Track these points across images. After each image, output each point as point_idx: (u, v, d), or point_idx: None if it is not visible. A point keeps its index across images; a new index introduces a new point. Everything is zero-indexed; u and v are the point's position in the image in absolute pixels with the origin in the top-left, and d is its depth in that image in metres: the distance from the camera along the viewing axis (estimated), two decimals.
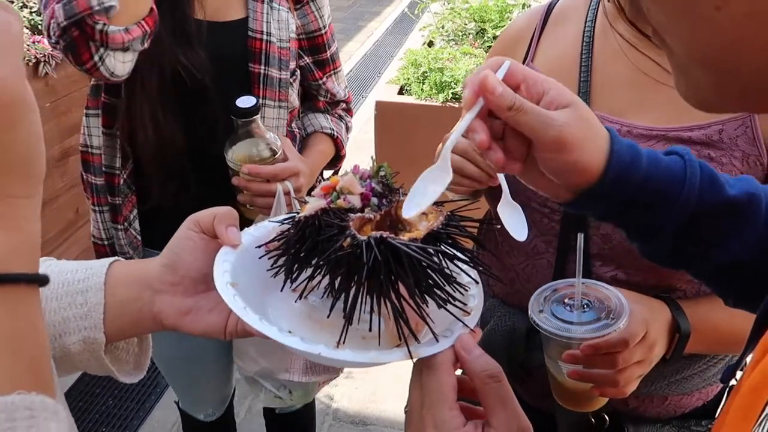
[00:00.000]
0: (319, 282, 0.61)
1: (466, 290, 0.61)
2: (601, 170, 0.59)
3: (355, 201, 0.59)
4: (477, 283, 0.63)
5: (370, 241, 0.51)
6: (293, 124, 1.35)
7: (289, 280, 0.62)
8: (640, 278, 0.91)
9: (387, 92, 2.90)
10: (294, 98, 1.31)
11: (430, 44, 3.21)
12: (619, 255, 0.91)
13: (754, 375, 0.33)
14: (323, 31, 1.35)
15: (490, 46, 3.04)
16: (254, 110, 1.10)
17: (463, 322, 0.57)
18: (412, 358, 0.53)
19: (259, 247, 0.66)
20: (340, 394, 2.43)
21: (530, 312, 0.81)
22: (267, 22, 1.22)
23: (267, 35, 1.22)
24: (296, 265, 0.60)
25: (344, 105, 1.48)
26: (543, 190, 0.64)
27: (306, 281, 0.60)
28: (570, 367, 0.83)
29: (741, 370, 0.43)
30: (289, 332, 0.57)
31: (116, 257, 0.69)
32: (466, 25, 3.16)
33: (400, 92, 2.87)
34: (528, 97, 0.59)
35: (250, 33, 1.22)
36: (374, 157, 0.67)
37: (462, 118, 0.59)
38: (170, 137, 1.18)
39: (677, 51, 0.34)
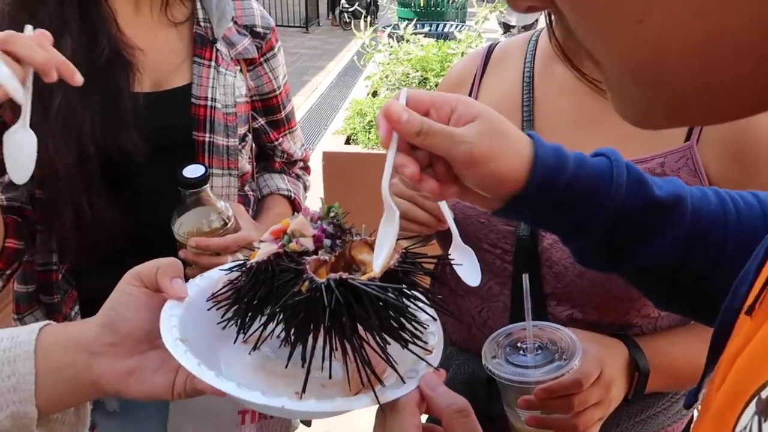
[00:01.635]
0: (273, 331, 0.59)
1: (425, 328, 0.59)
2: (525, 176, 0.60)
3: (308, 243, 0.57)
4: (435, 320, 0.62)
5: (329, 283, 0.49)
6: (246, 187, 1.29)
7: (242, 332, 0.59)
8: (596, 316, 0.90)
9: (333, 143, 2.91)
10: (244, 164, 1.25)
11: (374, 94, 3.27)
12: (573, 294, 0.91)
13: (720, 395, 0.32)
14: (278, 92, 1.29)
15: None
16: (203, 180, 1.03)
17: (426, 362, 0.55)
18: (379, 402, 0.51)
19: (209, 299, 0.62)
20: None
21: (483, 359, 0.79)
22: (212, 87, 1.16)
23: (212, 101, 1.16)
24: (249, 315, 0.56)
25: (301, 164, 1.44)
26: (477, 203, 0.65)
27: (260, 331, 0.57)
28: (528, 414, 0.81)
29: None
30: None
31: (47, 321, 0.64)
32: (409, 74, 3.24)
33: (347, 142, 2.89)
34: (438, 119, 0.59)
35: (193, 100, 1.15)
36: (323, 198, 0.66)
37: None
38: (99, 221, 1.08)
39: (607, 68, 0.35)
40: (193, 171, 1.03)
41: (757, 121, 0.84)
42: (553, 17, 0.95)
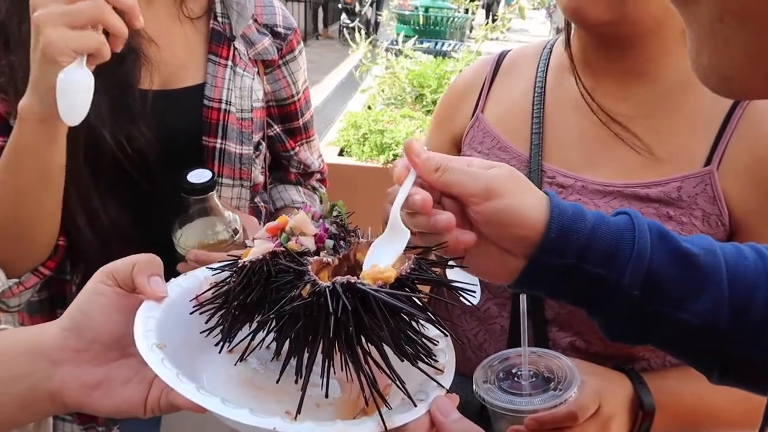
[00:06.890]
0: (263, 340, 0.52)
1: (435, 344, 0.53)
2: (543, 221, 0.57)
3: (309, 243, 0.51)
4: (446, 335, 0.55)
5: (335, 287, 0.42)
6: (257, 198, 1.20)
7: (227, 341, 0.52)
8: (600, 347, 0.85)
9: (327, 154, 2.86)
10: (257, 174, 1.16)
11: (370, 108, 3.23)
12: (576, 320, 0.85)
13: None
14: (296, 99, 1.21)
15: (429, 111, 3.08)
16: (209, 186, 0.94)
17: (438, 382, 0.48)
18: (386, 428, 0.44)
19: (193, 301, 0.55)
20: None
21: (474, 384, 0.74)
22: (228, 89, 1.07)
23: (226, 104, 1.06)
24: (240, 321, 0.50)
25: (318, 175, 1.34)
26: (492, 269, 0.60)
27: (249, 339, 0.50)
28: None
29: None
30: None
31: (4, 326, 0.57)
32: (405, 89, 3.20)
33: (341, 153, 2.84)
34: None
35: (206, 101, 1.06)
36: (325, 195, 0.60)
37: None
38: (111, 225, 0.99)
39: (706, 7, 0.29)
40: (198, 176, 0.94)
41: None
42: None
